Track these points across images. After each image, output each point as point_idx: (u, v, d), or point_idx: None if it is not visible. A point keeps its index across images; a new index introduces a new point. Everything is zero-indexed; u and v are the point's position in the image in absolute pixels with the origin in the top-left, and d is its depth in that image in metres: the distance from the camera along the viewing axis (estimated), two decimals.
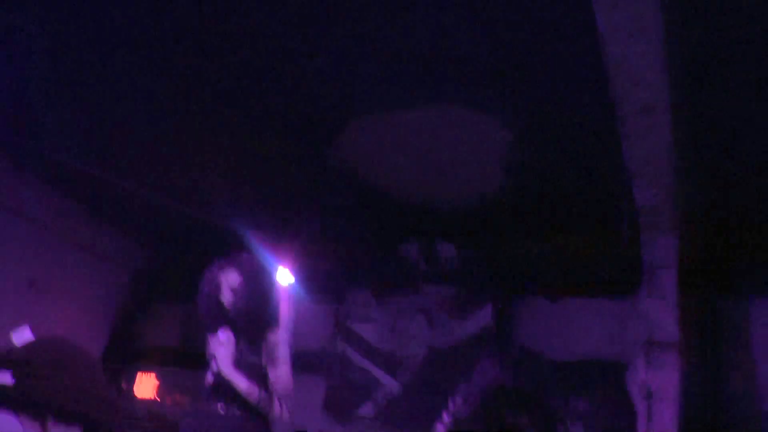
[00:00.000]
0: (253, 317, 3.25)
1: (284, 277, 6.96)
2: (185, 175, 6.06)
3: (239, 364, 3.14)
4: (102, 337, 7.21)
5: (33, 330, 1.65)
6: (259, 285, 3.33)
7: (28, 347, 1.61)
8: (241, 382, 3.11)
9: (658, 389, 4.56)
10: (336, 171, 5.71)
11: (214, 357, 3.12)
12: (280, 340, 3.34)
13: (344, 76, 4.47)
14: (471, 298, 6.49)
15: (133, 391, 7.42)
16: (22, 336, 1.63)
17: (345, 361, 6.85)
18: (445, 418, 3.32)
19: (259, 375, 3.19)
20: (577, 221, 5.98)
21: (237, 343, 3.17)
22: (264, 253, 6.54)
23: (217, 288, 3.27)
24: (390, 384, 6.55)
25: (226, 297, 3.25)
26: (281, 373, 3.27)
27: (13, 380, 1.50)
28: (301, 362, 6.92)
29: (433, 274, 6.75)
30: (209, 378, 3.16)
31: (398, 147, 5.33)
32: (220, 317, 3.22)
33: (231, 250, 3.52)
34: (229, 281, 3.27)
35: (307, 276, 7.02)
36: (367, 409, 6.54)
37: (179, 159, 5.88)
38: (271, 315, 3.36)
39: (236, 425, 3.10)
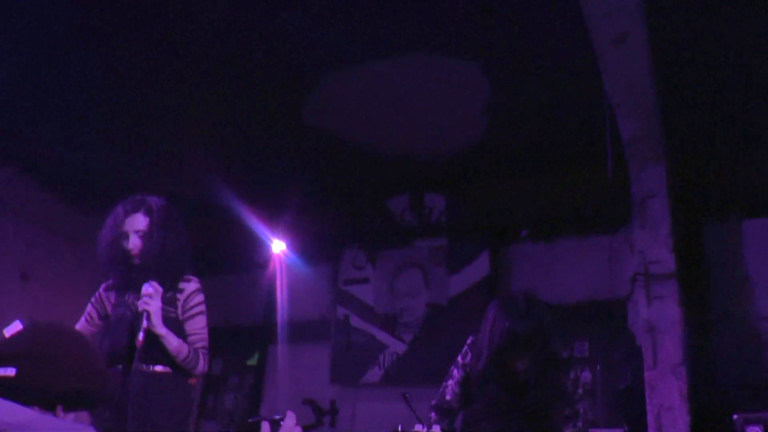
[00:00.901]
0: (166, 265, 2.92)
1: (277, 245, 7.00)
2: (167, 154, 5.99)
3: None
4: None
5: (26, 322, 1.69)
6: (169, 229, 2.96)
7: (25, 338, 1.64)
8: (172, 340, 2.83)
9: (660, 322, 4.56)
10: (313, 130, 5.65)
11: (147, 313, 2.74)
12: (194, 288, 3.01)
13: (315, 28, 4.38)
14: (465, 249, 6.46)
15: None
16: (14, 331, 1.69)
17: (346, 326, 6.82)
18: (456, 373, 3.25)
19: (178, 330, 2.90)
20: (562, 159, 5.94)
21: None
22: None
23: (123, 234, 2.95)
24: (394, 345, 6.55)
25: (134, 243, 2.92)
26: (197, 326, 2.96)
27: (15, 372, 1.53)
28: (304, 331, 7.03)
29: (424, 228, 6.71)
30: (140, 337, 2.76)
31: (374, 100, 5.27)
32: (127, 267, 2.94)
33: (138, 194, 3.14)
34: (135, 225, 2.94)
35: (300, 242, 7.03)
36: (373, 373, 6.54)
37: (159, 137, 5.81)
38: (185, 262, 3.04)
39: (165, 383, 2.87)
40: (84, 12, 4.35)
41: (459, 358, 3.30)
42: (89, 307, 3.23)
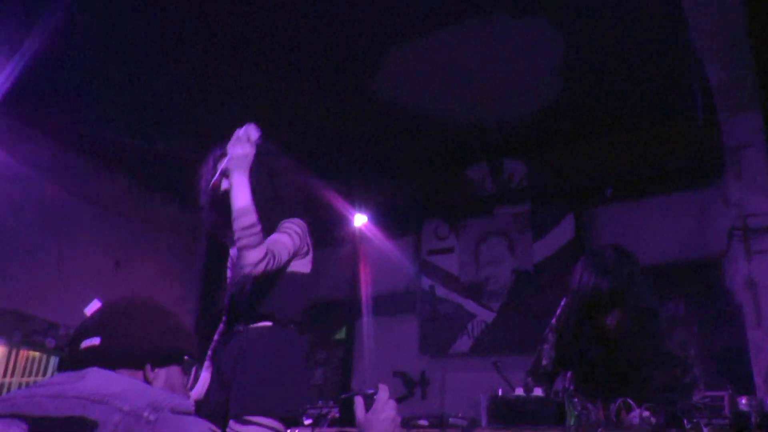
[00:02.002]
0: (262, 209, 2.54)
1: (359, 220, 7.02)
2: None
3: None
4: (191, 309, 7.41)
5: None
6: (263, 168, 2.67)
7: (105, 310, 1.68)
8: (241, 197, 2.48)
9: (762, 278, 4.32)
10: (387, 104, 5.60)
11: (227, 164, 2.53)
12: (294, 221, 2.68)
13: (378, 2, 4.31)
14: (549, 213, 6.32)
15: None
16: (94, 309, 1.73)
17: (432, 296, 6.81)
18: (550, 336, 3.15)
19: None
20: (645, 114, 5.69)
21: None
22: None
23: (213, 173, 2.71)
24: (481, 314, 6.50)
25: (225, 183, 2.63)
26: (279, 238, 2.56)
27: (100, 340, 1.56)
28: (390, 304, 7.04)
29: (505, 195, 6.60)
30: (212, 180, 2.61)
31: (445, 69, 5.17)
32: (227, 211, 2.53)
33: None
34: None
35: (382, 215, 7.03)
36: (462, 343, 6.51)
37: (237, 121, 5.86)
38: (286, 204, 2.74)
39: (271, 339, 2.60)
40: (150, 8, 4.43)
41: (553, 321, 3.20)
42: (228, 272, 2.95)
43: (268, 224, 2.60)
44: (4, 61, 4.74)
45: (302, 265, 2.76)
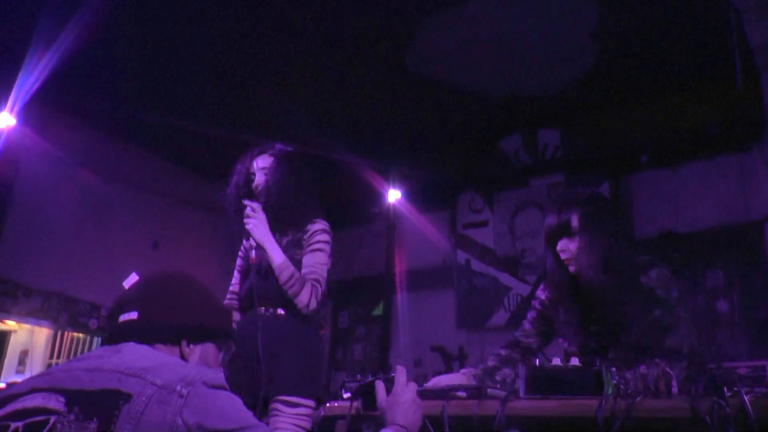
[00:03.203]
0: (291, 203, 3.02)
1: (393, 195, 7.03)
2: (278, 114, 6.08)
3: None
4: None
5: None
6: (293, 169, 3.09)
7: (142, 285, 1.72)
8: (275, 252, 2.88)
9: None
10: (418, 76, 5.56)
11: (248, 230, 2.91)
12: (318, 228, 3.03)
13: None
14: (584, 183, 6.20)
15: None
16: (131, 282, 1.79)
17: (468, 270, 6.80)
18: (536, 304, 3.10)
19: (295, 261, 2.94)
20: (681, 78, 5.55)
21: (272, 230, 2.94)
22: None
23: (250, 174, 3.09)
24: (518, 287, 6.47)
25: (259, 179, 3.06)
26: (313, 260, 2.95)
27: (138, 314, 1.61)
28: (426, 278, 7.05)
29: (539, 166, 6.52)
30: (252, 255, 2.96)
31: (476, 40, 5.11)
32: (247, 194, 3.03)
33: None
34: (261, 164, 3.10)
35: (415, 190, 7.02)
36: (499, 316, 6.48)
37: (269, 100, 5.90)
38: (310, 204, 3.11)
39: (290, 328, 2.92)
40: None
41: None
42: (238, 261, 3.29)
43: (293, 217, 3.02)
44: (43, 51, 4.83)
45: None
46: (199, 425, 1.33)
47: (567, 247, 2.61)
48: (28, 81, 4.97)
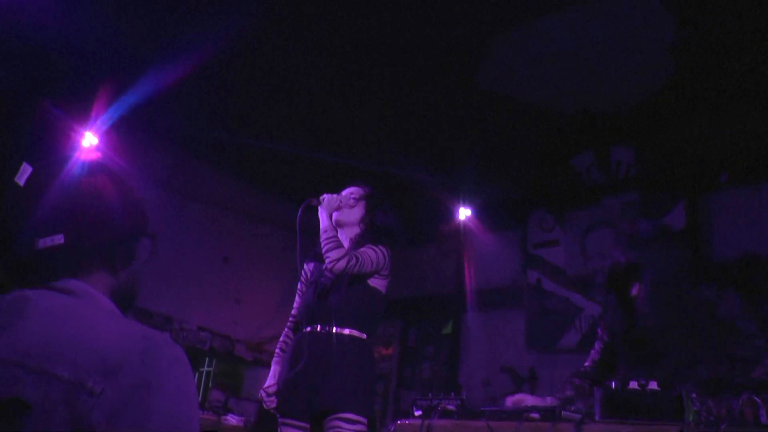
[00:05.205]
0: (364, 228, 3.23)
1: (463, 213, 6.99)
2: (349, 134, 6.15)
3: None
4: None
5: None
6: (370, 207, 3.27)
7: (67, 192, 1.26)
8: (326, 222, 3.12)
9: None
10: (490, 95, 5.55)
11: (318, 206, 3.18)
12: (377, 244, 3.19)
13: None
14: (659, 202, 6.06)
15: None
16: (26, 176, 1.29)
17: (539, 290, 6.69)
18: (602, 334, 3.06)
19: (361, 283, 3.11)
20: (760, 91, 5.36)
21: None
22: None
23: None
24: (589, 307, 6.33)
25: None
26: (367, 251, 3.08)
27: (64, 237, 1.19)
28: (496, 298, 6.98)
29: (612, 184, 6.39)
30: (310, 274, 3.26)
31: (548, 56, 5.07)
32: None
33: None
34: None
35: (486, 209, 6.97)
36: (570, 338, 6.35)
37: (341, 119, 5.98)
38: (375, 234, 3.24)
39: (349, 346, 3.01)
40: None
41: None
42: (299, 285, 3.40)
43: (363, 243, 3.17)
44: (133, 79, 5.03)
45: (382, 285, 3.15)
46: None
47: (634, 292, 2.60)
48: (117, 105, 5.17)
